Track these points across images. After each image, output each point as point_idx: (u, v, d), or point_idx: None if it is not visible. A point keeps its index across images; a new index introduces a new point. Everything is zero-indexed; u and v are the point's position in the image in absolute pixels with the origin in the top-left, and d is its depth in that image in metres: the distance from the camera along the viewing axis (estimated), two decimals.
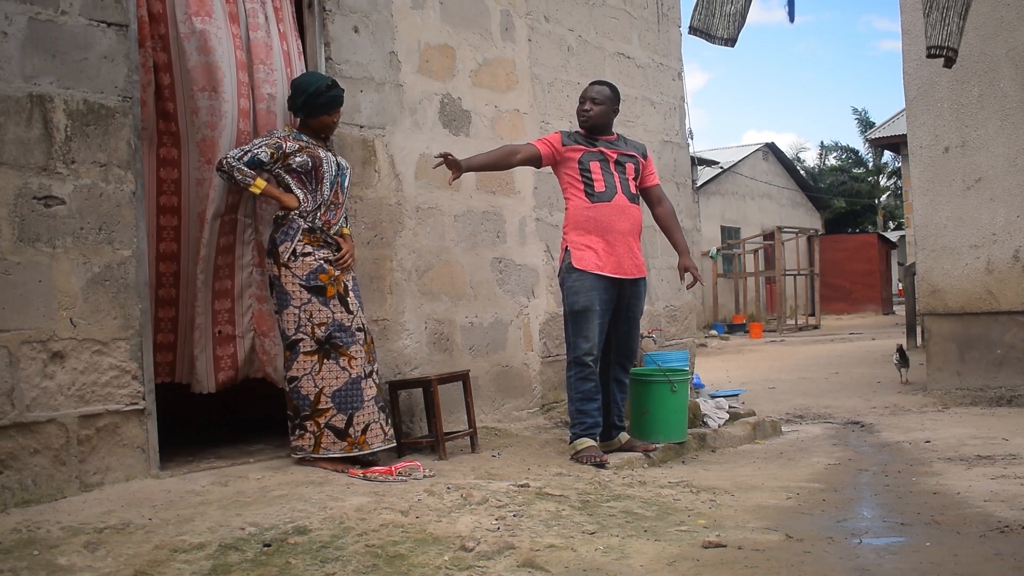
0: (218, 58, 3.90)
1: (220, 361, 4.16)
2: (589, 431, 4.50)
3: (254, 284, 4.21)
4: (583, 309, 4.49)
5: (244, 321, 4.21)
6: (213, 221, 4.01)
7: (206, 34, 3.87)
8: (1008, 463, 4.63)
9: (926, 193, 7.86)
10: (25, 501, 3.15)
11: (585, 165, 4.56)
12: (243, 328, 4.20)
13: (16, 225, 3.21)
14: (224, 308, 4.15)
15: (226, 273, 4.15)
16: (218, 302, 4.14)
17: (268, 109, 4.12)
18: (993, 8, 7.44)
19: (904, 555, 2.97)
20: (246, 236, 4.18)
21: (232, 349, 4.18)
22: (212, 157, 3.93)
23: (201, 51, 3.87)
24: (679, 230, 4.92)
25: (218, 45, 3.90)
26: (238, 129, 4.00)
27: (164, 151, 4.02)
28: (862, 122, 37.70)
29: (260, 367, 4.27)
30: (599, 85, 4.73)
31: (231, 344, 4.18)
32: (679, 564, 2.83)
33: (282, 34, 4.27)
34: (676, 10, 7.03)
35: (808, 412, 7.24)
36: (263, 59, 4.11)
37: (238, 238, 4.16)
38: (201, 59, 3.88)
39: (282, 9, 4.29)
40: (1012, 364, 7.44)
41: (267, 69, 4.11)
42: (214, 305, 4.13)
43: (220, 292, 4.14)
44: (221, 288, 4.14)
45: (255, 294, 4.22)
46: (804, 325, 21.14)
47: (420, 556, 2.81)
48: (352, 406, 3.93)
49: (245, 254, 4.18)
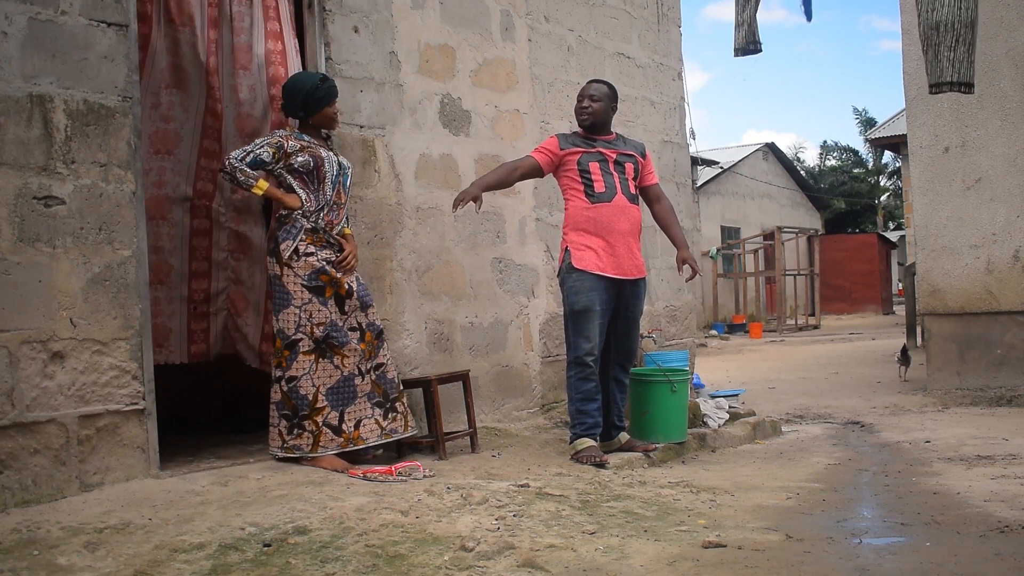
0: (186, 62, 4.17)
1: (194, 335, 4.52)
2: (589, 431, 4.50)
3: (229, 268, 4.55)
4: (583, 309, 4.49)
5: (218, 300, 4.57)
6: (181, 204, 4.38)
7: (178, 40, 4.12)
8: (1008, 463, 4.63)
9: (926, 193, 7.86)
10: (25, 501, 3.15)
11: (584, 166, 4.56)
12: (216, 306, 4.57)
13: (16, 225, 3.21)
14: (200, 287, 4.52)
15: (202, 254, 4.49)
16: (195, 281, 4.50)
17: (248, 113, 4.38)
18: (993, 8, 7.43)
19: (904, 555, 2.97)
20: (222, 221, 4.49)
21: (205, 324, 4.56)
22: (161, 148, 4.25)
23: (171, 52, 4.14)
24: (678, 226, 4.92)
25: (188, 50, 4.14)
26: (204, 124, 4.33)
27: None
28: (862, 122, 37.72)
29: (231, 343, 4.62)
30: (597, 83, 4.73)
31: (204, 320, 4.55)
32: (679, 564, 2.83)
33: (271, 33, 4.34)
34: (676, 10, 7.03)
35: (808, 412, 7.24)
36: (244, 64, 4.31)
37: (214, 223, 4.49)
38: (169, 59, 4.16)
39: (278, 7, 4.33)
40: (1012, 364, 7.44)
41: (247, 74, 4.33)
42: (191, 283, 4.49)
43: (196, 272, 4.51)
44: (198, 269, 4.51)
45: (230, 277, 4.56)
46: (804, 325, 21.15)
47: (420, 556, 2.81)
48: (344, 402, 3.95)
49: (221, 239, 4.50)
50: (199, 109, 4.30)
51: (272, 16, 4.34)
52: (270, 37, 4.33)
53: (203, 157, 4.41)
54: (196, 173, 4.40)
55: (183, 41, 4.13)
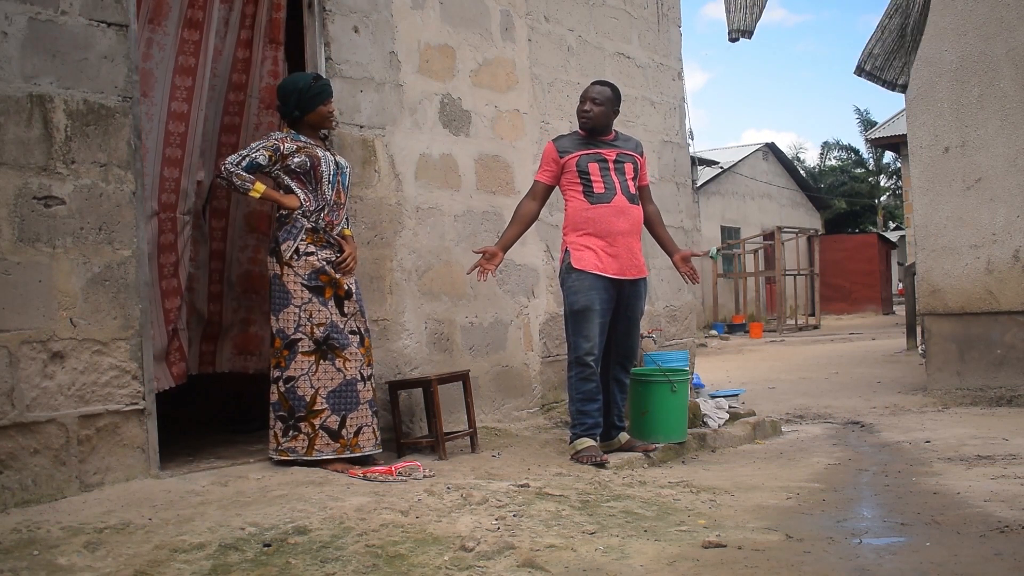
0: (154, 64, 4.05)
1: (170, 356, 4.26)
2: (590, 431, 4.50)
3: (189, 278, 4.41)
4: (583, 309, 4.49)
5: (183, 315, 4.36)
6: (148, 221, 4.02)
7: (151, 41, 4.03)
8: (1008, 463, 4.63)
9: (926, 193, 7.86)
10: (25, 501, 3.15)
11: (583, 168, 4.56)
12: (183, 322, 4.37)
13: (16, 225, 3.21)
14: (174, 307, 4.25)
15: (170, 272, 4.25)
16: (168, 300, 4.23)
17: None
18: (993, 8, 7.44)
19: (904, 555, 2.97)
20: (186, 233, 4.32)
21: (178, 343, 4.31)
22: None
23: (143, 57, 3.98)
24: (664, 228, 4.94)
25: (158, 52, 4.05)
26: (167, 131, 4.16)
27: None
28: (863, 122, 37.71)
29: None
30: (600, 85, 4.73)
31: (177, 339, 4.30)
32: (679, 564, 2.83)
33: (243, 41, 4.42)
34: (676, 10, 7.03)
35: (808, 412, 7.24)
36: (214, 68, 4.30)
37: (179, 236, 4.28)
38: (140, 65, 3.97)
39: (256, 15, 4.38)
40: (1012, 364, 7.44)
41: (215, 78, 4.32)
42: (164, 304, 4.20)
43: (168, 291, 4.23)
44: (168, 287, 4.24)
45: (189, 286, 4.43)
46: (804, 325, 21.15)
47: (420, 556, 2.81)
48: (346, 407, 3.93)
49: (186, 251, 4.32)
50: (162, 117, 4.13)
51: (246, 25, 4.42)
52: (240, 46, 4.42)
53: (166, 167, 4.21)
54: (160, 185, 4.17)
55: (155, 42, 4.04)
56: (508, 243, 4.66)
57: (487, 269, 4.55)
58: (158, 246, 4.16)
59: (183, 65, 4.18)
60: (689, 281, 4.95)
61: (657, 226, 4.90)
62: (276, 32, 4.53)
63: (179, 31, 4.13)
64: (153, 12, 4.01)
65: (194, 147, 4.26)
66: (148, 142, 4.02)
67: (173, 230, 4.26)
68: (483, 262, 4.55)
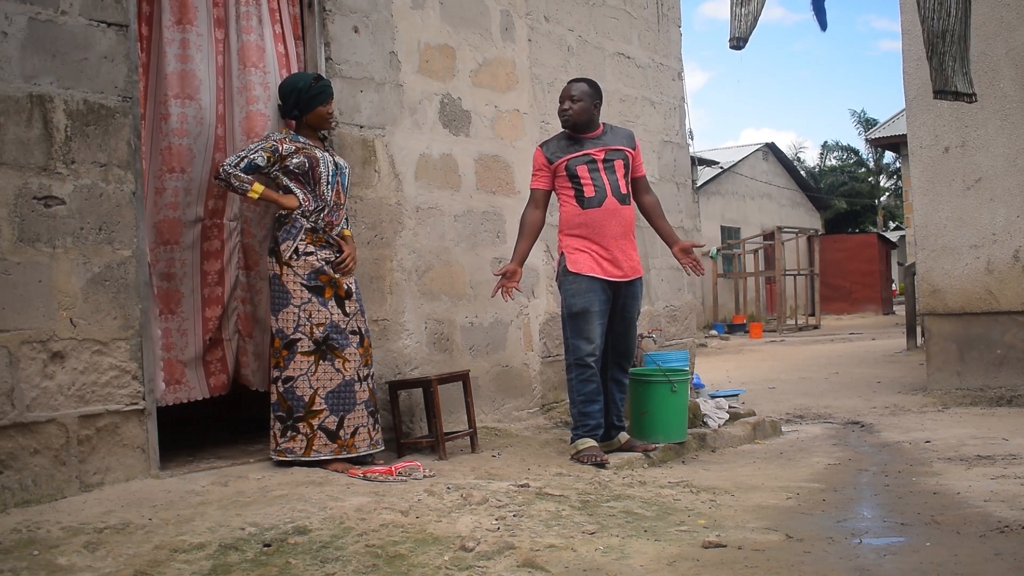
0: (195, 66, 3.89)
1: (210, 366, 4.15)
2: (592, 432, 4.51)
3: (239, 287, 4.24)
4: (582, 311, 4.49)
5: (231, 324, 4.23)
6: (192, 227, 4.00)
7: (186, 42, 3.87)
8: (1008, 463, 4.63)
9: (926, 193, 7.86)
10: (25, 501, 3.15)
11: (572, 171, 4.56)
12: (230, 332, 4.23)
13: (16, 225, 3.21)
14: (214, 315, 4.13)
15: (214, 280, 4.13)
16: (208, 309, 4.11)
17: (259, 112, 4.11)
18: (993, 8, 7.43)
19: (904, 555, 2.97)
20: (233, 240, 4.18)
21: (220, 352, 4.19)
22: (175, 166, 3.90)
23: (179, 58, 3.86)
24: (665, 219, 4.89)
25: (197, 53, 3.90)
26: (216, 135, 4.02)
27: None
28: (862, 122, 37.71)
29: (239, 368, 4.29)
30: (577, 82, 4.70)
31: (219, 348, 4.18)
32: (679, 564, 2.83)
33: (278, 35, 4.28)
34: (676, 10, 7.03)
35: (808, 412, 7.24)
36: (255, 63, 4.11)
37: (225, 242, 4.15)
38: (178, 67, 3.87)
39: (280, 11, 4.29)
40: (1012, 364, 7.44)
41: (260, 72, 4.12)
42: (204, 312, 4.09)
43: (210, 299, 4.12)
44: (211, 295, 4.12)
45: (240, 296, 4.25)
46: (804, 325, 21.14)
47: (420, 556, 2.81)
48: (344, 408, 3.93)
49: (233, 256, 4.19)
50: (211, 121, 3.98)
51: (276, 20, 4.28)
52: (276, 40, 4.26)
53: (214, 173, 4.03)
54: (207, 191, 4.04)
55: (191, 43, 3.88)
56: (523, 257, 4.67)
57: (510, 287, 4.57)
58: (202, 253, 4.06)
59: (220, 66, 4.06)
60: (692, 272, 4.82)
61: (656, 217, 4.87)
62: (296, 27, 4.44)
63: (211, 30, 4.00)
64: (180, 12, 3.86)
65: (234, 150, 4.09)
66: (197, 147, 3.92)
67: (219, 236, 4.13)
68: (505, 282, 4.56)
